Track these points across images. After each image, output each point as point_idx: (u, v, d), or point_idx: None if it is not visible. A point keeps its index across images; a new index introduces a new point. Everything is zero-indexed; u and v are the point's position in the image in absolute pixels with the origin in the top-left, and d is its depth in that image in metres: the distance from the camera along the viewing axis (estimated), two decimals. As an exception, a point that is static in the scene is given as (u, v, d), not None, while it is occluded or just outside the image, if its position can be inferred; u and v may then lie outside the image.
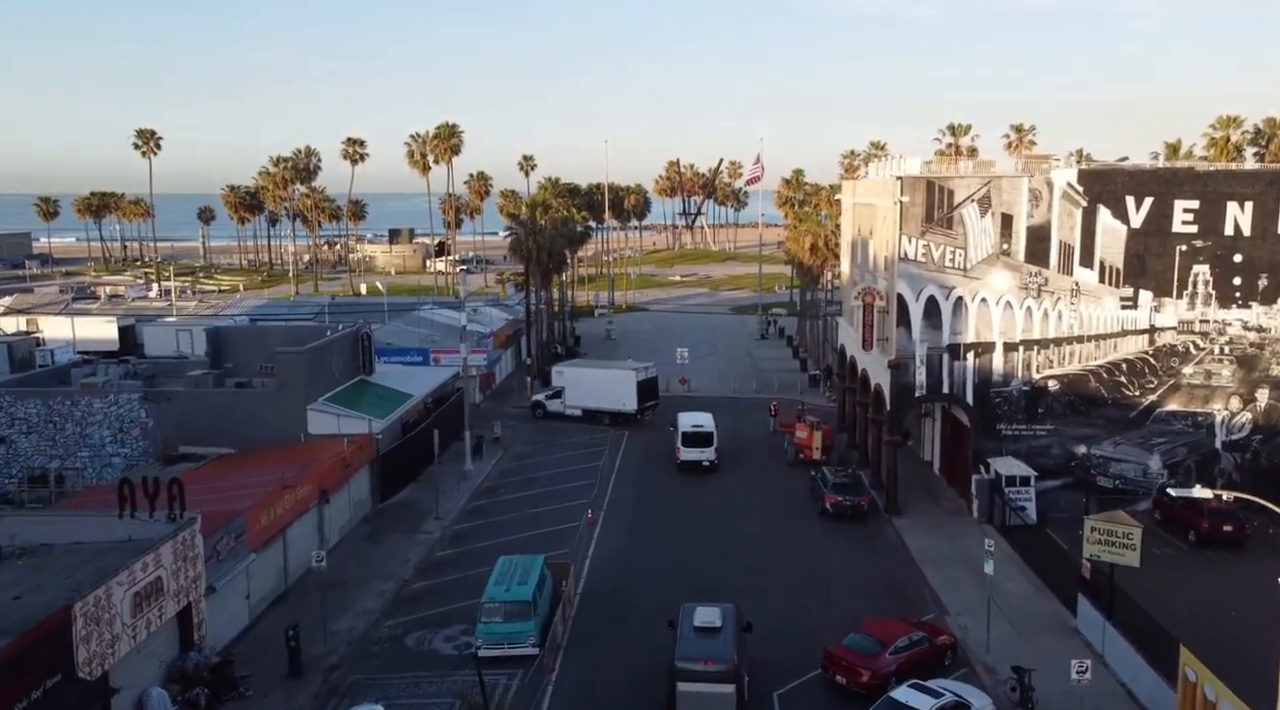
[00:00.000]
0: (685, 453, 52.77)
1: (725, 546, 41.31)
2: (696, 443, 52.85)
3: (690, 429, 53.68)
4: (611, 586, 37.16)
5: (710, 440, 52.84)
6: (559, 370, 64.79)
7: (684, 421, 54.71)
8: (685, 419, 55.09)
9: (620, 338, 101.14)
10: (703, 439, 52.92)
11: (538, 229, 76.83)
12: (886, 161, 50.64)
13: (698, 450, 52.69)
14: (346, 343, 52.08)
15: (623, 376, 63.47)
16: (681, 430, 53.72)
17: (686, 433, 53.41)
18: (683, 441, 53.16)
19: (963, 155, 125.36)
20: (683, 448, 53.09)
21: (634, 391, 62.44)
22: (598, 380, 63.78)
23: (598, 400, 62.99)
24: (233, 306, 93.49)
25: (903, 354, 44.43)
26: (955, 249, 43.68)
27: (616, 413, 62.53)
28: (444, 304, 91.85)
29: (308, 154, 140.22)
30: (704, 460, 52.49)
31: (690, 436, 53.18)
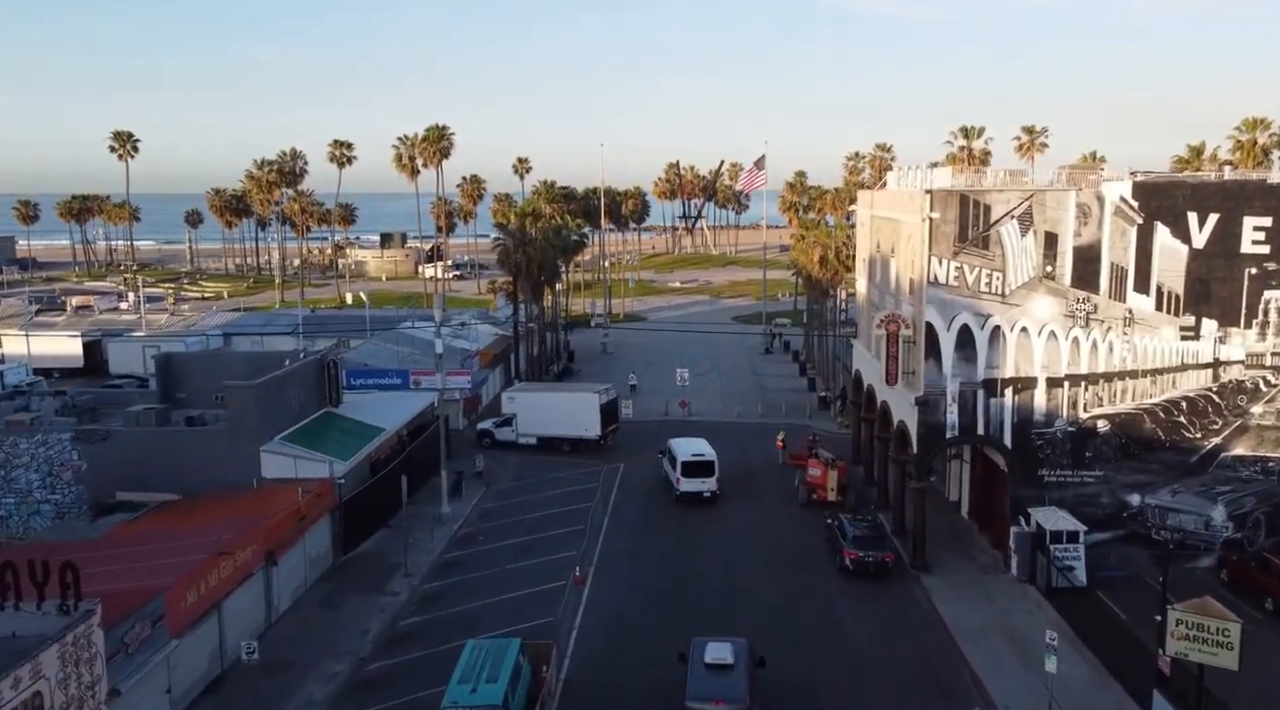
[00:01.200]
0: (685, 484, 48.76)
1: (732, 615, 36.02)
2: (697, 472, 48.86)
3: (690, 458, 49.25)
4: (600, 671, 31.94)
5: (711, 469, 48.96)
6: (509, 395, 60.01)
7: (681, 449, 50.42)
8: (682, 447, 50.83)
9: (617, 351, 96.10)
10: (703, 468, 48.96)
11: (527, 239, 71.71)
12: (910, 171, 45.51)
13: (698, 481, 48.75)
14: (309, 372, 46.91)
15: (584, 400, 58.88)
16: (681, 460, 49.38)
17: (687, 462, 49.05)
18: (683, 471, 48.92)
19: (976, 159, 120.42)
20: (682, 478, 48.89)
21: (597, 416, 57.93)
22: (555, 405, 59.23)
23: (555, 427, 58.49)
24: (206, 320, 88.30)
25: (932, 390, 39.29)
26: (992, 272, 38.53)
27: (577, 439, 58.01)
28: (430, 317, 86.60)
29: (293, 157, 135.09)
30: (705, 491, 48.67)
31: (690, 466, 48.94)
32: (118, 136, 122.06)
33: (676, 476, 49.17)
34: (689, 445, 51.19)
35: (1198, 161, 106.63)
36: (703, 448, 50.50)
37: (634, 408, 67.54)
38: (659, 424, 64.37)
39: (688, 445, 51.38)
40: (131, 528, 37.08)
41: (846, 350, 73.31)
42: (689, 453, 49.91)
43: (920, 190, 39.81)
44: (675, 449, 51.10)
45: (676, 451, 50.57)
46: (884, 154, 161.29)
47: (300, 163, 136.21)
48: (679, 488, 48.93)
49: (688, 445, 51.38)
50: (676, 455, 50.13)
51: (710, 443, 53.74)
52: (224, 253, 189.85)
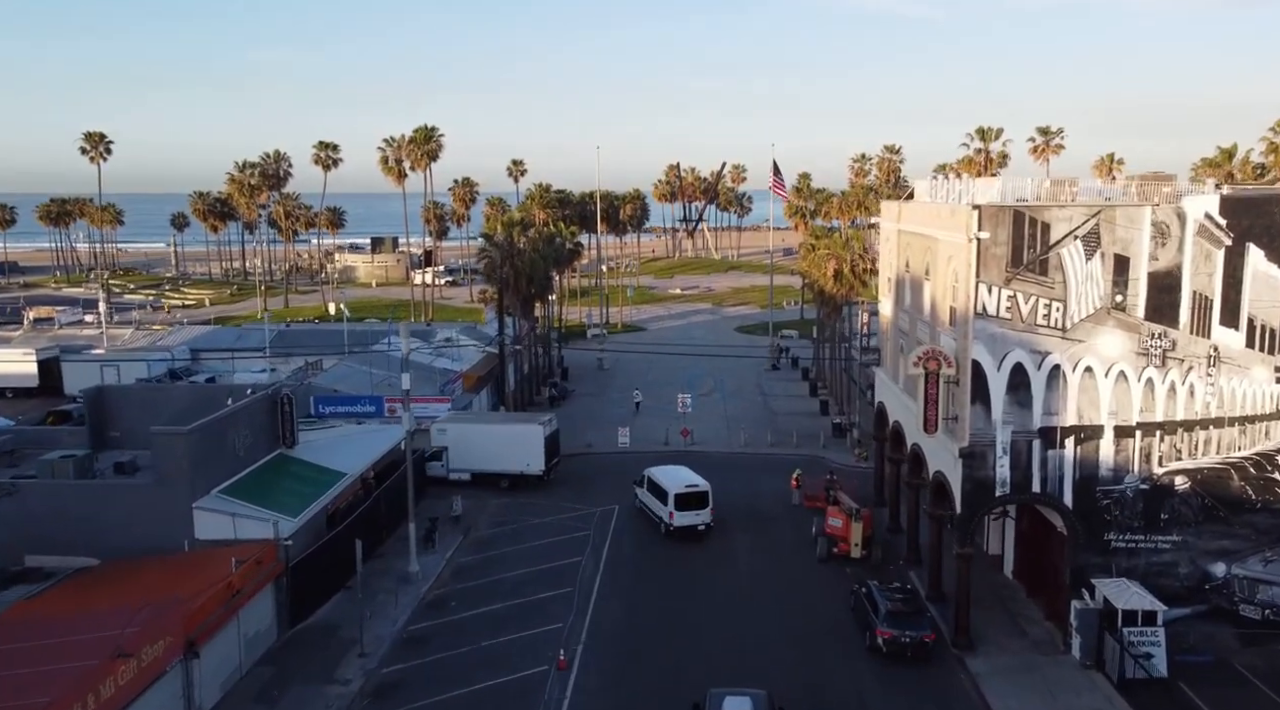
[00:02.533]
0: (679, 518, 44.98)
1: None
2: (691, 505, 45.23)
3: (684, 490, 45.33)
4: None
5: (706, 500, 45.50)
6: (440, 427, 54.20)
7: (668, 480, 46.35)
8: (667, 477, 46.80)
9: (614, 367, 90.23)
10: (697, 500, 45.42)
11: (515, 250, 65.79)
12: (946, 179, 39.68)
13: (692, 514, 45.18)
14: (259, 410, 41.02)
15: (527, 433, 53.58)
16: (674, 493, 45.19)
17: (680, 494, 45.13)
18: (676, 504, 44.92)
19: (994, 162, 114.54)
20: (676, 512, 44.89)
21: (541, 449, 52.89)
22: (494, 438, 53.71)
23: (493, 461, 53.17)
24: (173, 336, 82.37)
25: (979, 439, 33.39)
26: (1051, 302, 32.66)
27: (518, 475, 52.77)
28: (414, 332, 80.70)
29: (276, 159, 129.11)
30: (700, 524, 45.22)
31: (684, 498, 45.13)
32: (89, 138, 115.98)
33: (669, 510, 45.05)
34: (675, 475, 47.02)
35: (1229, 164, 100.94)
36: (693, 477, 46.66)
37: (632, 435, 61.82)
38: (657, 456, 58.40)
39: (674, 475, 47.00)
40: (30, 607, 31.22)
41: (862, 372, 67.47)
42: (681, 484, 45.73)
43: (965, 205, 33.93)
44: (660, 480, 46.64)
45: (663, 483, 46.23)
46: (892, 156, 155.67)
47: (284, 165, 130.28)
48: (671, 522, 44.97)
49: (674, 475, 47.00)
50: (666, 487, 45.74)
51: (716, 478, 48.65)
52: (211, 256, 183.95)
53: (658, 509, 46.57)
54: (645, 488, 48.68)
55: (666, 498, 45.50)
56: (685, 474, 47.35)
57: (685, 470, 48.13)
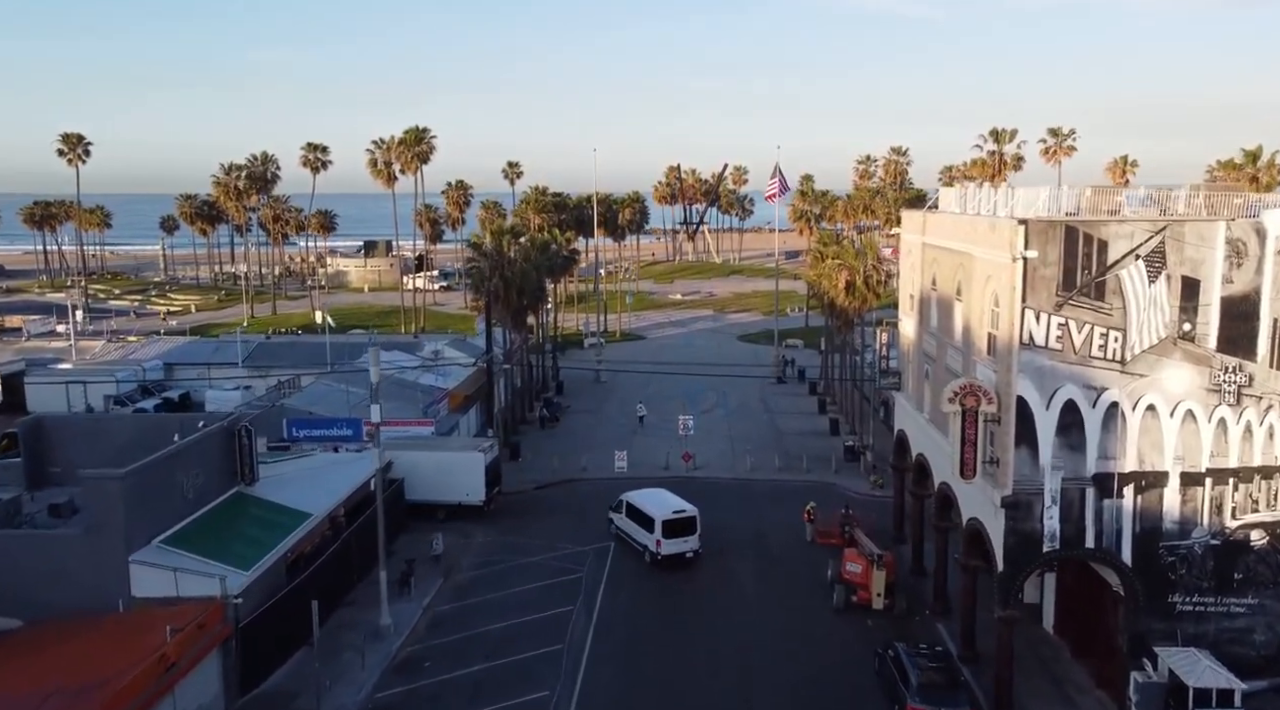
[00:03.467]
0: (667, 546, 42.52)
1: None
2: (679, 531, 42.87)
3: (672, 516, 42.79)
4: None
5: (694, 526, 43.27)
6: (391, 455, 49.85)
7: (651, 506, 43.68)
8: (650, 502, 44.14)
9: (612, 379, 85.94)
10: (685, 526, 43.12)
11: (505, 261, 61.57)
12: (981, 188, 35.52)
13: (680, 541, 42.84)
14: (213, 444, 36.82)
15: (465, 460, 49.70)
16: (661, 519, 42.57)
17: (668, 521, 42.60)
18: (663, 532, 42.41)
19: (1008, 165, 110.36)
20: (664, 540, 42.39)
21: (481, 478, 49.16)
22: (429, 465, 49.34)
23: (429, 490, 49.02)
24: (147, 348, 78.08)
25: (1024, 487, 29.21)
26: (1109, 330, 28.49)
27: (456, 505, 48.83)
28: (399, 345, 76.51)
29: (264, 161, 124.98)
30: (688, 551, 42.95)
31: (672, 525, 42.68)
32: (67, 139, 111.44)
33: (655, 537, 42.47)
34: (659, 500, 44.48)
35: (1253, 167, 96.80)
36: (678, 502, 44.18)
37: (630, 459, 57.64)
38: (658, 483, 54.20)
39: (658, 500, 44.40)
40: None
41: (876, 389, 63.27)
42: (668, 509, 43.19)
43: (1007, 218, 29.74)
44: (643, 505, 44.05)
45: (647, 508, 43.64)
46: (899, 158, 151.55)
47: (272, 167, 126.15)
48: (659, 551, 42.43)
49: (658, 500, 44.40)
50: (651, 513, 43.13)
51: (721, 509, 45.61)
52: (201, 260, 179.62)
53: (641, 536, 43.65)
54: (624, 514, 45.56)
55: (652, 524, 42.74)
56: (670, 498, 44.65)
57: (668, 494, 45.58)
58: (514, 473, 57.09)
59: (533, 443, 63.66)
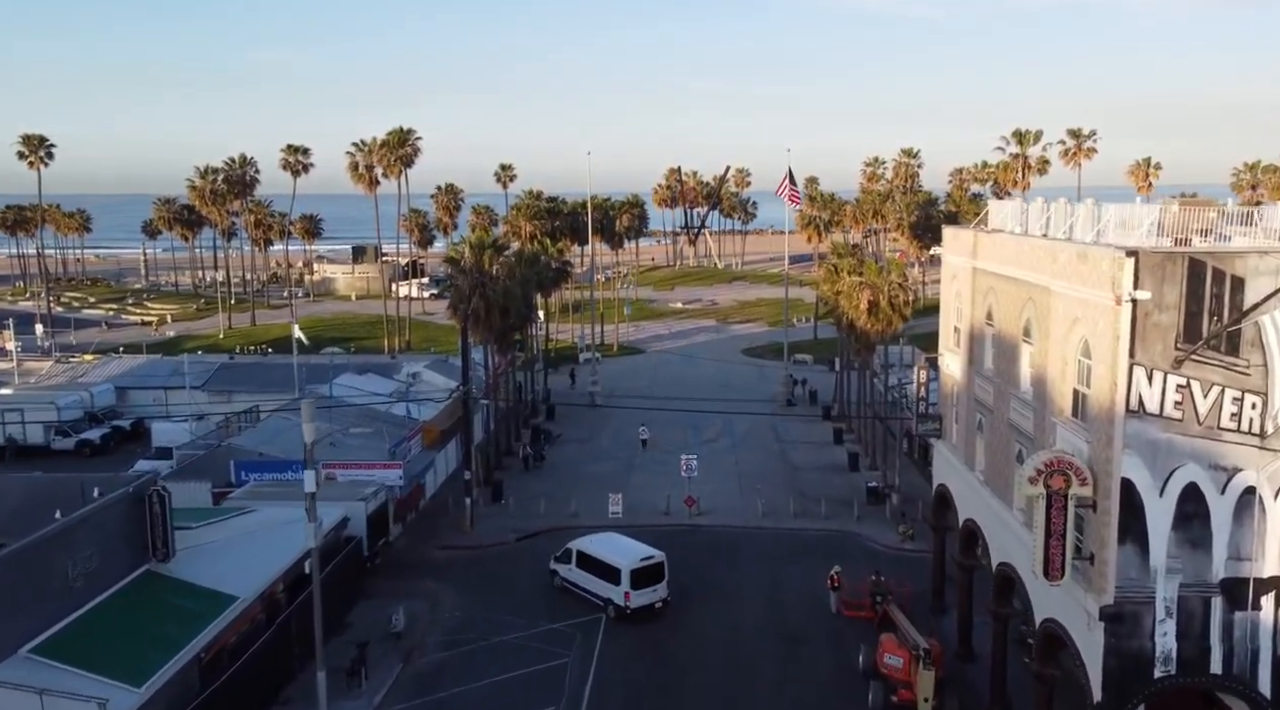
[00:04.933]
0: (637, 597, 38.48)
1: None
2: (647, 580, 38.90)
3: (640, 564, 38.75)
4: None
5: (661, 572, 39.38)
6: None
7: (616, 553, 39.39)
8: (613, 550, 39.87)
9: (608, 401, 79.34)
10: (654, 574, 39.19)
11: (487, 278, 54.96)
12: (1051, 204, 28.88)
13: (648, 591, 38.87)
14: (115, 516, 30.23)
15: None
16: (630, 569, 38.40)
17: (637, 570, 38.55)
18: (632, 582, 38.31)
19: (1032, 170, 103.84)
20: (633, 592, 38.29)
21: (363, 525, 42.96)
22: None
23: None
24: (101, 368, 71.41)
25: (1129, 594, 22.63)
26: (1244, 394, 21.92)
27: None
28: (374, 366, 69.98)
29: (242, 164, 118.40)
30: (657, 601, 39.01)
31: (640, 574, 38.67)
32: (28, 141, 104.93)
33: (623, 590, 38.36)
34: (619, 547, 40.28)
35: None
36: (641, 547, 40.19)
37: (625, 501, 51.12)
38: (655, 532, 47.81)
39: (618, 547, 40.22)
40: None
41: (897, 421, 56.71)
42: (635, 557, 39.03)
43: (1108, 246, 23.14)
44: (602, 554, 39.71)
45: (609, 557, 39.33)
46: (910, 160, 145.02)
47: (251, 170, 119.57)
48: (628, 604, 38.35)
49: (618, 547, 40.22)
50: (616, 563, 38.84)
51: (730, 567, 40.91)
52: (183, 265, 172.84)
53: (600, 589, 39.24)
54: (575, 564, 40.49)
55: (618, 575, 38.47)
56: (630, 544, 40.63)
57: (623, 538, 41.61)
58: (494, 519, 50.58)
59: (517, 481, 57.08)
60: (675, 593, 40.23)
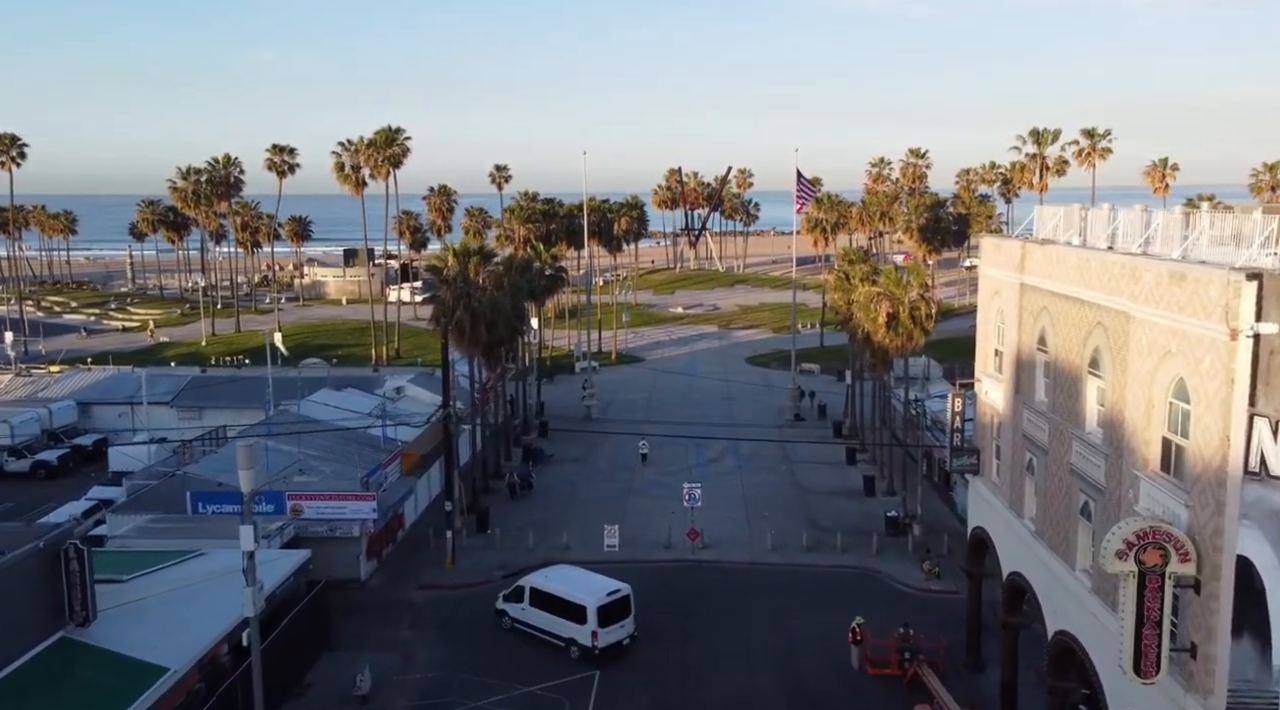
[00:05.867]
0: (605, 635, 35.41)
1: None
2: (613, 617, 35.85)
3: (607, 600, 35.61)
4: None
5: (628, 607, 36.44)
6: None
7: (577, 589, 36.31)
8: (573, 585, 36.76)
9: (605, 414, 75.07)
10: (620, 609, 36.17)
11: (472, 289, 50.55)
12: (1131, 212, 24.49)
13: (616, 628, 35.89)
14: (23, 577, 25.81)
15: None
16: (597, 606, 35.26)
17: (604, 606, 35.44)
18: (599, 620, 35.20)
19: (1050, 171, 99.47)
20: (600, 631, 35.16)
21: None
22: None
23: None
24: (60, 384, 66.98)
25: (1245, 699, 18.24)
26: (1394, 453, 17.48)
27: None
28: (355, 380, 65.53)
29: (226, 164, 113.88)
30: (624, 639, 36.13)
31: (608, 610, 35.57)
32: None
33: (590, 629, 35.23)
34: (579, 582, 37.15)
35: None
36: (604, 581, 37.20)
37: (622, 533, 46.74)
38: (655, 568, 43.58)
39: (577, 582, 37.10)
40: None
41: (916, 441, 52.39)
42: (600, 593, 35.87)
43: (1218, 267, 18.75)
44: (561, 591, 36.48)
45: (569, 594, 36.14)
46: (917, 160, 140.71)
47: (235, 170, 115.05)
48: (595, 644, 35.23)
49: (577, 582, 37.10)
50: (579, 600, 35.65)
51: (738, 609, 37.70)
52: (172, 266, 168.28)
53: (560, 629, 36.09)
54: (529, 603, 37.23)
55: (583, 613, 35.43)
56: (592, 578, 37.60)
57: (582, 572, 38.56)
58: (479, 553, 46.18)
59: (505, 508, 52.72)
60: (679, 646, 35.99)
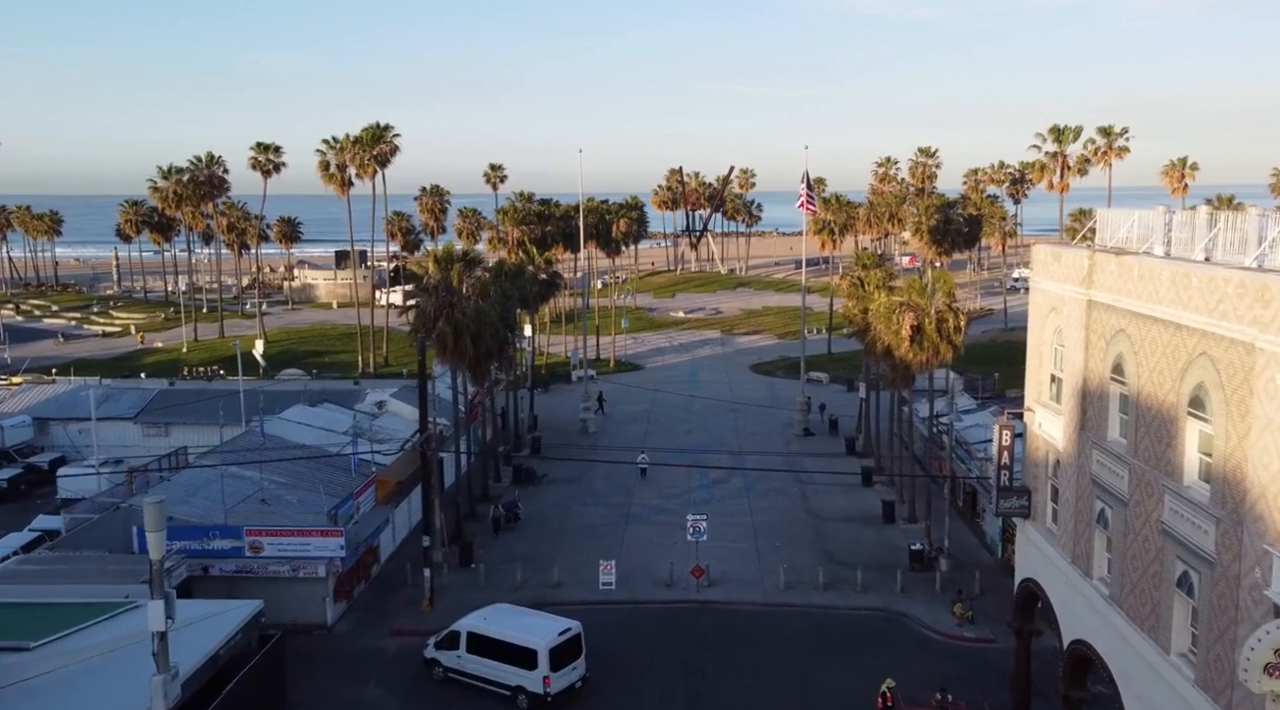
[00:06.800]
0: (558, 679, 32.69)
1: None
2: (565, 658, 33.01)
3: (558, 641, 32.76)
4: None
5: (579, 647, 33.66)
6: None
7: (523, 631, 33.26)
8: (517, 627, 33.66)
9: (602, 428, 70.66)
10: (571, 650, 33.36)
11: (455, 299, 46.09)
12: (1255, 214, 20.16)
13: (568, 671, 33.09)
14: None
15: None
16: (549, 647, 32.32)
17: (557, 648, 32.60)
18: (552, 663, 32.43)
19: (1072, 171, 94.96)
20: (553, 675, 32.40)
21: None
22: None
23: None
24: (16, 397, 62.43)
25: None
26: None
27: None
28: (332, 394, 61.08)
29: (209, 163, 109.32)
30: (577, 681, 33.53)
31: (560, 651, 32.73)
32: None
33: (541, 674, 32.37)
34: (521, 623, 34.07)
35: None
36: (552, 620, 34.41)
37: (619, 567, 42.22)
38: (656, 610, 39.19)
39: (519, 624, 33.97)
40: None
41: (950, 484, 47.94)
42: (550, 634, 32.92)
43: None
44: (505, 635, 33.26)
45: (518, 637, 32.99)
46: (927, 160, 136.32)
47: (219, 169, 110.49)
48: (549, 690, 32.42)
49: (519, 624, 33.97)
50: (528, 643, 32.63)
51: (747, 665, 34.27)
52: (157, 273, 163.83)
53: (509, 676, 32.96)
54: (466, 650, 33.73)
55: (533, 657, 32.45)
56: (535, 618, 34.83)
57: (523, 611, 35.76)
58: (461, 592, 41.59)
59: (491, 539, 48.28)
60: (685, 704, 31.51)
